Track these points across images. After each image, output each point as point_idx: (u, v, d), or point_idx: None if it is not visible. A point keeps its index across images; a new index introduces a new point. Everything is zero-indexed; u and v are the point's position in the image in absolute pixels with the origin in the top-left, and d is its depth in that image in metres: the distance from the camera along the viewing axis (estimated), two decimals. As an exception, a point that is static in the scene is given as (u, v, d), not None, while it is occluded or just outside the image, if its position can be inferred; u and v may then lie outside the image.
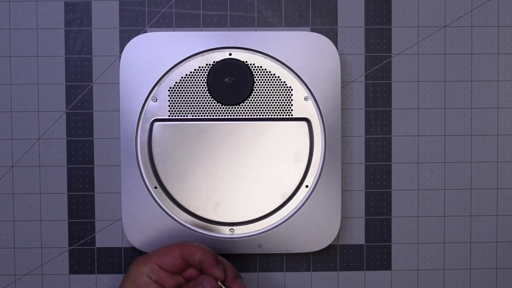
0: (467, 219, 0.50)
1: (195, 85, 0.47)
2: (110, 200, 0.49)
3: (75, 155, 0.49)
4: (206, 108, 0.47)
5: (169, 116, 0.47)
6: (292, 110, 0.47)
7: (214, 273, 0.40)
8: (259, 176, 0.47)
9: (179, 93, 0.47)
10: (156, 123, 0.47)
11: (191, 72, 0.47)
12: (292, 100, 0.47)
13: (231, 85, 0.47)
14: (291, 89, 0.47)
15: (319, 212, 0.47)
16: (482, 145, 0.50)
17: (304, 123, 0.47)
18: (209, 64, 0.47)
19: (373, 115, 0.49)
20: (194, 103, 0.47)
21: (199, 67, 0.47)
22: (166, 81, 0.47)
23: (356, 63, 0.49)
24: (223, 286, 0.41)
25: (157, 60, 0.46)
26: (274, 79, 0.47)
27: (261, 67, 0.47)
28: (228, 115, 0.47)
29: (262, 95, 0.47)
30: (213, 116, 0.47)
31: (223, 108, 0.47)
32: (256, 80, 0.47)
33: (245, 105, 0.47)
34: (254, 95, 0.47)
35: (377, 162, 0.49)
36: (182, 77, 0.47)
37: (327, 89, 0.47)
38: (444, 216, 0.50)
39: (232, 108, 0.47)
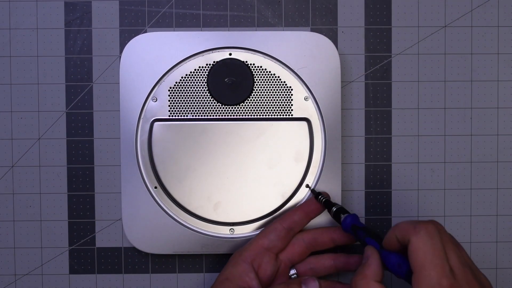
0: (467, 219, 0.50)
1: (195, 85, 0.47)
2: (110, 200, 0.49)
3: (75, 155, 0.49)
4: (206, 108, 0.47)
5: (169, 116, 0.47)
6: (292, 110, 0.47)
7: (311, 206, 0.44)
8: (259, 176, 0.47)
9: (179, 93, 0.47)
10: (156, 123, 0.47)
11: (191, 72, 0.47)
12: (292, 100, 0.47)
13: (231, 85, 0.47)
14: (291, 89, 0.47)
15: (319, 212, 0.47)
16: (482, 145, 0.50)
17: (304, 123, 0.47)
18: (209, 64, 0.47)
19: (373, 115, 0.49)
20: (194, 103, 0.47)
21: (199, 67, 0.47)
22: (166, 81, 0.47)
23: (356, 63, 0.49)
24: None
25: (157, 60, 0.46)
26: (274, 79, 0.47)
27: (261, 67, 0.47)
28: (228, 115, 0.47)
29: (262, 95, 0.47)
30: (213, 116, 0.47)
31: (223, 108, 0.47)
32: (256, 80, 0.47)
33: (245, 105, 0.47)
34: (254, 95, 0.47)
35: (377, 162, 0.50)
36: (182, 77, 0.47)
37: (327, 89, 0.47)
38: (444, 216, 0.50)
39: (232, 108, 0.47)
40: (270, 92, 0.47)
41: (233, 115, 0.47)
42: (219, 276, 0.43)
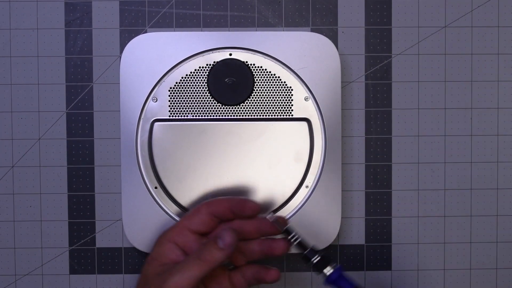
0: (467, 219, 0.50)
1: (195, 85, 0.47)
2: (110, 200, 0.49)
3: (75, 155, 0.49)
4: (206, 108, 0.47)
5: (169, 116, 0.47)
6: (292, 110, 0.47)
7: (247, 204, 0.41)
8: (259, 176, 0.47)
9: (179, 93, 0.47)
10: (156, 123, 0.47)
11: (191, 72, 0.47)
12: (292, 100, 0.47)
13: (231, 85, 0.47)
14: (291, 89, 0.47)
15: (319, 212, 0.47)
16: (482, 145, 0.50)
17: (304, 123, 0.47)
18: (209, 64, 0.47)
19: (373, 115, 0.49)
20: (194, 103, 0.47)
21: (199, 67, 0.47)
22: (166, 81, 0.47)
23: (356, 63, 0.49)
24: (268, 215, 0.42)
25: (157, 60, 0.46)
26: (274, 79, 0.47)
27: (261, 67, 0.47)
28: (228, 115, 0.47)
29: (262, 95, 0.47)
30: (213, 116, 0.47)
31: (223, 108, 0.47)
32: (256, 80, 0.47)
33: (245, 105, 0.47)
34: (254, 95, 0.47)
35: (377, 162, 0.50)
36: (182, 77, 0.47)
37: (327, 89, 0.47)
38: (444, 216, 0.50)
39: (232, 108, 0.47)
40: (270, 92, 0.47)
41: (233, 115, 0.47)
42: (147, 258, 0.43)
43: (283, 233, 0.42)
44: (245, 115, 0.47)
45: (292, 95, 0.47)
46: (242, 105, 0.47)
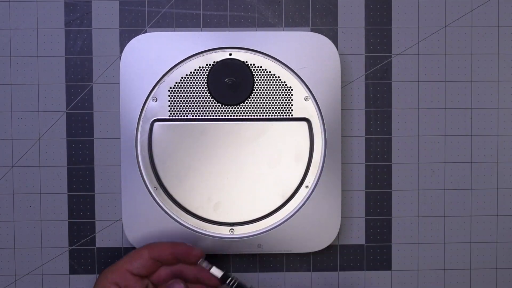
0: (467, 219, 0.50)
1: (195, 85, 0.47)
2: (110, 200, 0.49)
3: (75, 155, 0.49)
4: (206, 108, 0.47)
5: (169, 116, 0.47)
6: (292, 110, 0.47)
7: (193, 252, 0.43)
8: (259, 176, 0.47)
9: (179, 93, 0.47)
10: (156, 123, 0.47)
11: (191, 72, 0.47)
12: (292, 100, 0.47)
13: (231, 85, 0.47)
14: (291, 89, 0.47)
15: (319, 212, 0.47)
16: (482, 145, 0.50)
17: (304, 123, 0.47)
18: (209, 64, 0.47)
19: (373, 115, 0.49)
20: (194, 103, 0.47)
21: (199, 67, 0.47)
22: (166, 81, 0.47)
23: (356, 63, 0.49)
24: (204, 264, 0.43)
25: (157, 60, 0.46)
26: (274, 79, 0.47)
27: (261, 67, 0.47)
28: (228, 115, 0.47)
29: (262, 95, 0.47)
30: (213, 116, 0.47)
31: (223, 108, 0.47)
32: (256, 80, 0.47)
33: (245, 105, 0.47)
34: (254, 95, 0.47)
35: (377, 162, 0.50)
36: (182, 77, 0.47)
37: (327, 89, 0.47)
38: (444, 216, 0.50)
39: (232, 108, 0.47)
40: (270, 92, 0.47)
41: (233, 115, 0.47)
42: None
43: (221, 279, 0.43)
44: (245, 115, 0.47)
45: (292, 95, 0.47)
46: (242, 105, 0.47)
